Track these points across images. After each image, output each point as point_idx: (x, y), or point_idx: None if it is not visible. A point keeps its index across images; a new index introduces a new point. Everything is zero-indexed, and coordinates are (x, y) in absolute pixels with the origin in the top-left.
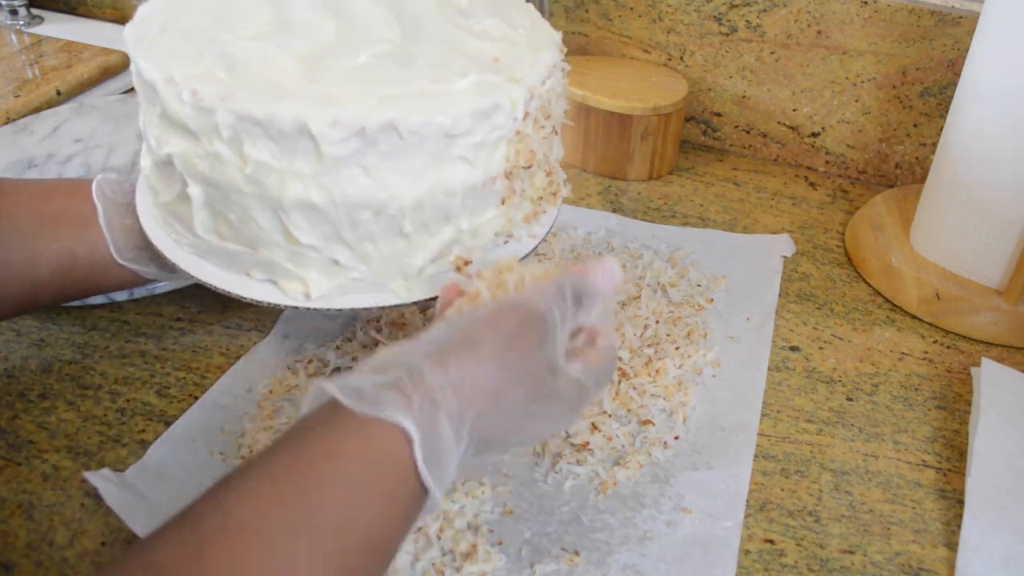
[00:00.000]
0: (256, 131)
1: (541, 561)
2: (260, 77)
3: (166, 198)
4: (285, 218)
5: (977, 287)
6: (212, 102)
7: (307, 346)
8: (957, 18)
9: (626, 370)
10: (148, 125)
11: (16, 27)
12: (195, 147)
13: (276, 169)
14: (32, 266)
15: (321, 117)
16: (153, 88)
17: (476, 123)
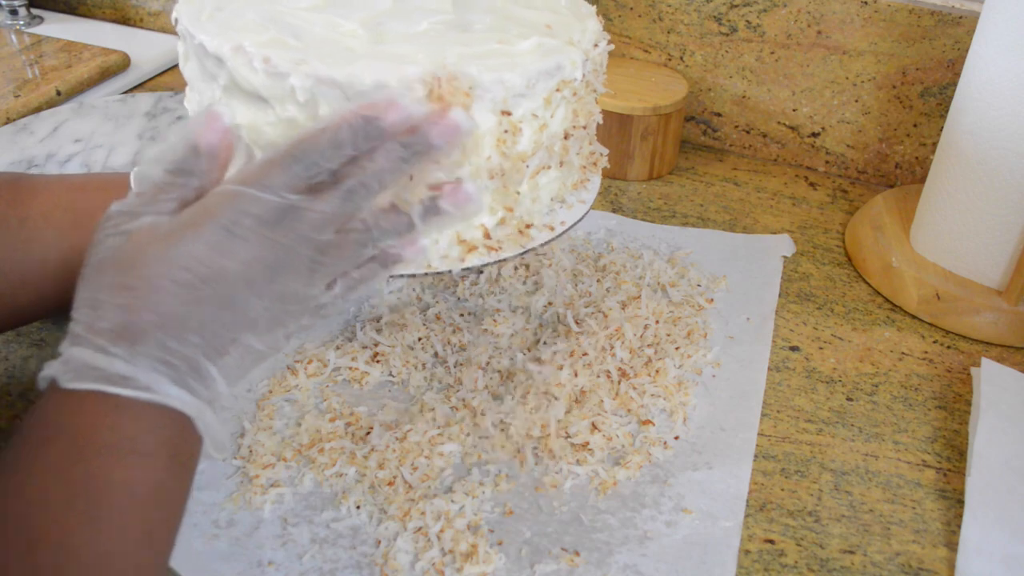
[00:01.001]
0: (333, 93)
1: (541, 561)
2: (328, 43)
3: (230, 171)
4: None
5: (977, 287)
6: (286, 66)
7: (307, 346)
8: (957, 18)
9: (626, 370)
10: (208, 101)
11: (16, 27)
12: (266, 115)
13: None
14: (69, 264)
15: (399, 76)
16: (219, 59)
17: (542, 81)
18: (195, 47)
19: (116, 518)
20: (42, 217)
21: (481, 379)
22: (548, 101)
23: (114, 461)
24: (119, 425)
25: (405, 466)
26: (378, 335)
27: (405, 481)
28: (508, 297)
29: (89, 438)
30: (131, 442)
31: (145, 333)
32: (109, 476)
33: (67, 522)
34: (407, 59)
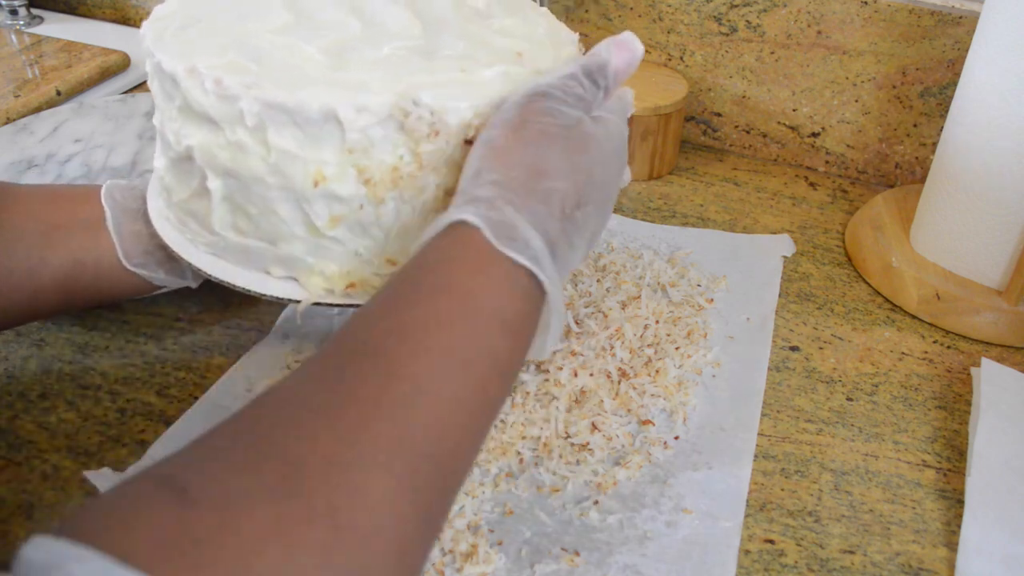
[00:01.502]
0: (281, 118)
1: (541, 561)
2: (285, 67)
3: (182, 195)
4: (308, 209)
5: (977, 287)
6: (237, 90)
7: (307, 346)
8: (957, 18)
9: (626, 370)
10: (167, 122)
11: (16, 27)
12: (216, 137)
13: (300, 158)
14: (37, 275)
15: (348, 103)
16: (174, 80)
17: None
18: (156, 66)
19: (474, 385)
20: (11, 228)
21: None
22: None
23: (501, 333)
24: (520, 304)
25: None
26: None
27: None
28: None
29: (494, 308)
30: (521, 322)
31: (560, 219)
32: (492, 344)
33: (432, 370)
34: (362, 86)
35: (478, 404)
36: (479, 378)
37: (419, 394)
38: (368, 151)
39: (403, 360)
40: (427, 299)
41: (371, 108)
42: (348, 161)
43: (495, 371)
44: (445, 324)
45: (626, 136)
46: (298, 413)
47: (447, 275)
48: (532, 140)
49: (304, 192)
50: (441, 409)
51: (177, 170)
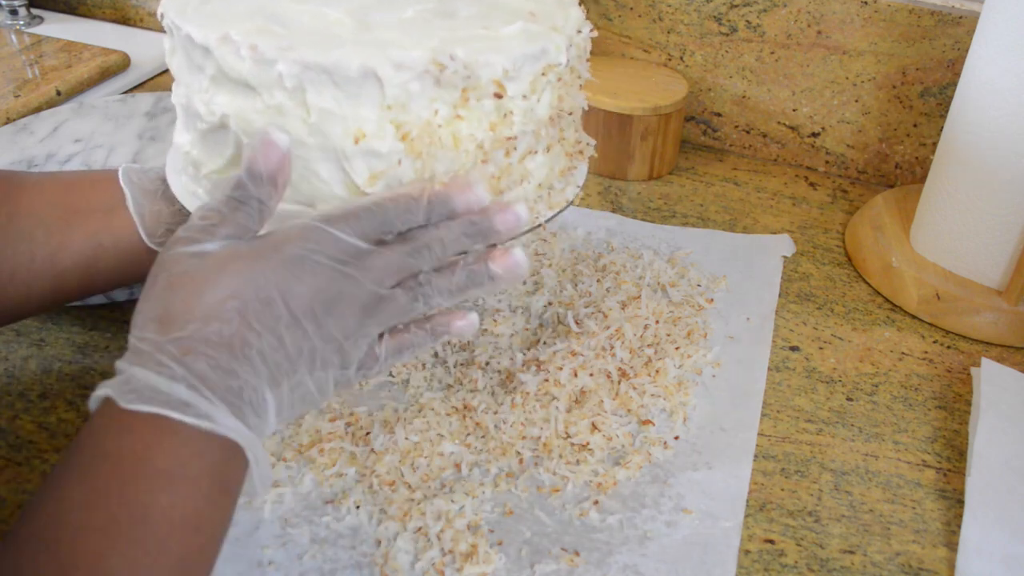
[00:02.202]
0: (320, 79)
1: (541, 561)
2: (315, 31)
3: (215, 166)
4: (348, 167)
5: (977, 287)
6: (273, 53)
7: None
8: (957, 18)
9: (626, 370)
10: (195, 94)
11: (16, 27)
12: (253, 103)
13: (340, 116)
14: (58, 259)
15: (386, 60)
16: (206, 50)
17: (527, 65)
18: (182, 39)
19: (153, 544)
20: (30, 214)
21: (481, 379)
22: (534, 85)
23: (162, 485)
24: (173, 450)
25: (405, 466)
26: None
27: (405, 481)
28: (508, 297)
29: (142, 461)
30: (182, 467)
31: (211, 356)
32: (154, 500)
33: (104, 546)
34: (393, 44)
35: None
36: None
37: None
38: (406, 106)
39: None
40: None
41: (408, 64)
42: (386, 117)
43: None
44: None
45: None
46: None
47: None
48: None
49: (344, 150)
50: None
51: (208, 141)
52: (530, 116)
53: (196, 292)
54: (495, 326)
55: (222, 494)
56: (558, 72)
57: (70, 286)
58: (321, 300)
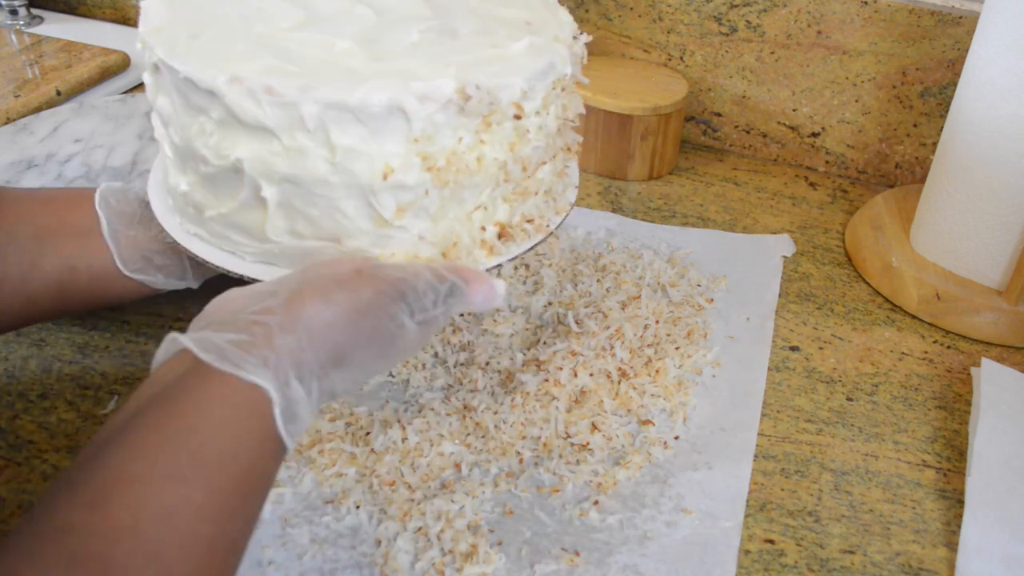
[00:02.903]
0: (344, 117)
1: (541, 561)
2: (327, 64)
3: (223, 209)
4: (375, 201)
5: (977, 287)
6: (293, 95)
7: None
8: (957, 18)
9: (626, 370)
10: (196, 137)
11: (16, 27)
12: (271, 145)
13: (366, 153)
14: (30, 281)
15: (411, 93)
16: (211, 93)
17: (539, 81)
18: (179, 82)
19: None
20: (4, 234)
21: (481, 379)
22: (545, 100)
23: (217, 434)
24: (232, 405)
25: (405, 466)
26: None
27: (405, 481)
28: (508, 297)
29: (201, 409)
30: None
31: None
32: (212, 445)
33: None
34: (412, 75)
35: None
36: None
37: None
38: (432, 138)
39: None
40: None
41: (433, 96)
42: (413, 151)
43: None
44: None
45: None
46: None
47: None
48: (362, 331)
49: (372, 186)
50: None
51: (215, 184)
52: (543, 130)
53: (374, 355)
54: (495, 326)
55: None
56: (563, 83)
57: (43, 308)
58: (376, 357)
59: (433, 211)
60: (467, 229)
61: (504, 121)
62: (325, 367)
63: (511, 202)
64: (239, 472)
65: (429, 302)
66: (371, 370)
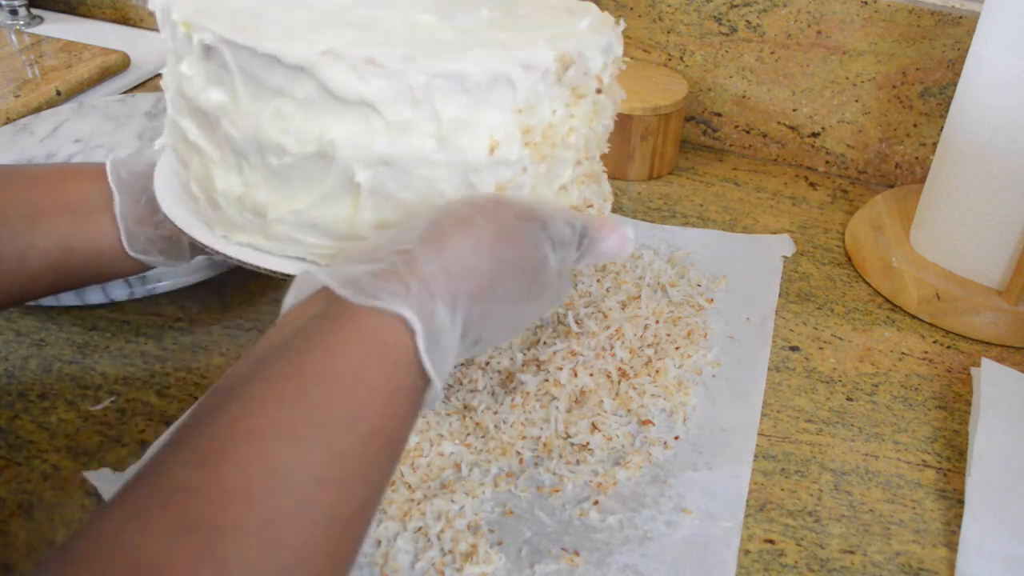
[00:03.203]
0: (451, 87)
1: (541, 561)
2: (415, 37)
3: (299, 206)
4: (476, 179)
5: (977, 287)
6: (397, 64)
7: None
8: (957, 18)
9: (626, 370)
10: (270, 123)
11: (16, 27)
12: (370, 123)
13: (471, 124)
14: (25, 261)
15: (514, 61)
16: (299, 70)
17: (606, 57)
18: (252, 62)
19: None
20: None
21: (481, 379)
22: (612, 77)
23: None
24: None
25: (405, 466)
26: None
27: (405, 481)
28: None
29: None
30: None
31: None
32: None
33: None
34: (506, 45)
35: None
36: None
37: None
38: (534, 109)
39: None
40: (328, 392)
41: (535, 64)
42: (515, 122)
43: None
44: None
45: (562, 302)
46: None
47: (360, 375)
48: (506, 258)
49: (476, 163)
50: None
51: (288, 178)
52: (610, 108)
53: (522, 289)
54: None
55: (412, 418)
56: (619, 63)
57: (38, 287)
58: (521, 292)
59: (528, 190)
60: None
61: (588, 94)
62: (471, 296)
63: (580, 185)
64: (366, 434)
65: (567, 237)
66: (516, 310)
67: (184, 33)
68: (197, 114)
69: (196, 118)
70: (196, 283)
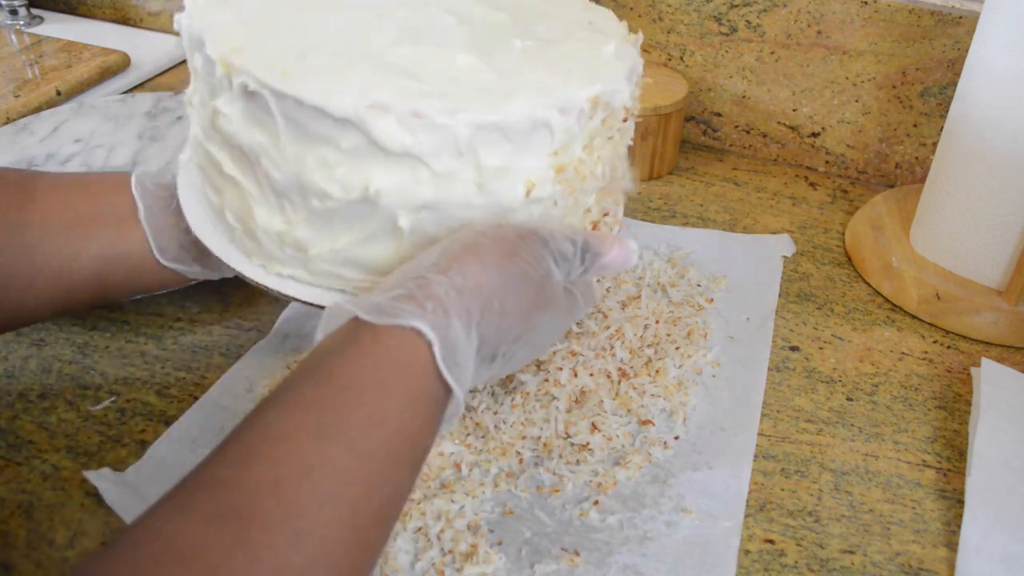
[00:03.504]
0: (493, 137)
1: (541, 561)
2: (456, 82)
3: (339, 245)
4: (511, 216)
5: (977, 287)
6: (442, 118)
7: (307, 346)
8: (957, 18)
9: (626, 370)
10: (314, 170)
11: (16, 27)
12: (416, 172)
13: (511, 170)
14: (68, 271)
15: (552, 106)
16: (346, 122)
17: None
18: (296, 110)
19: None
20: (43, 221)
21: None
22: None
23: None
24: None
25: None
26: None
27: None
28: None
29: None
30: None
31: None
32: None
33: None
34: (544, 87)
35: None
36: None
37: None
38: (568, 148)
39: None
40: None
41: (571, 107)
42: (550, 164)
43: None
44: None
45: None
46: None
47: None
48: (511, 272)
49: (512, 204)
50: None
51: (330, 220)
52: (630, 131)
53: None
54: None
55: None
56: (640, 83)
57: (82, 296)
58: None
59: (556, 222)
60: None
61: (615, 123)
62: (483, 309)
63: (600, 200)
64: (387, 436)
65: (569, 252)
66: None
67: (223, 73)
68: (234, 149)
69: (232, 152)
70: (196, 283)
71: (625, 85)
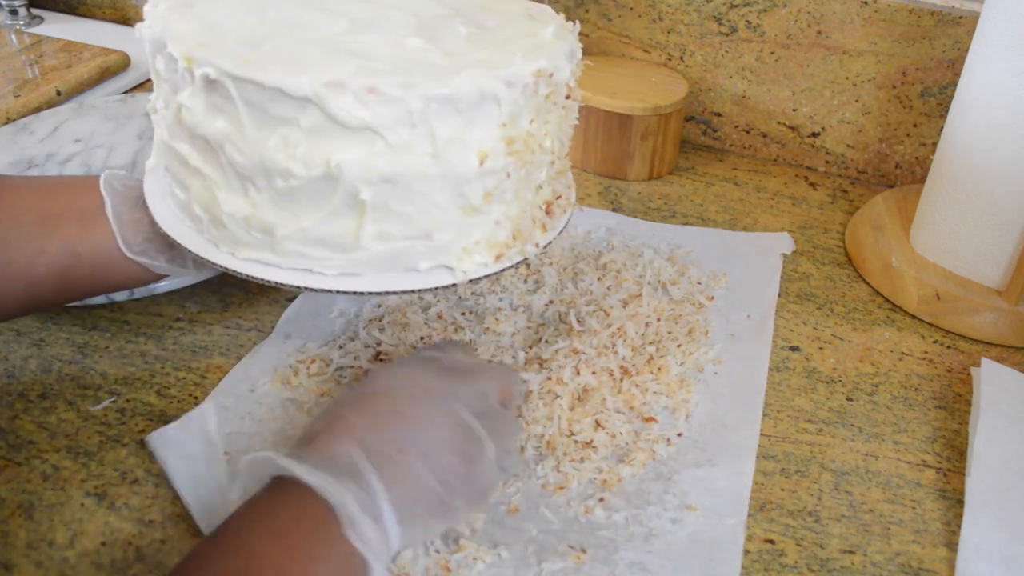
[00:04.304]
0: (444, 109)
1: (548, 559)
2: (410, 62)
3: (305, 223)
4: (468, 190)
5: (977, 287)
6: (396, 92)
7: (309, 346)
8: (957, 18)
9: (628, 368)
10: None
11: (16, 27)
12: (372, 146)
13: (462, 141)
14: (33, 266)
15: (499, 80)
16: (304, 101)
17: (571, 63)
18: (256, 94)
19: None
20: (9, 219)
21: None
22: (575, 80)
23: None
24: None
25: None
26: (380, 334)
27: None
28: (509, 296)
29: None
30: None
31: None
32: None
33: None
34: (489, 64)
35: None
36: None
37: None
38: (516, 121)
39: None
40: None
41: (516, 81)
42: (500, 135)
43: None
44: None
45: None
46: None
47: (292, 550)
48: (447, 478)
49: (467, 174)
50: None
51: (295, 199)
52: (574, 110)
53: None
54: (497, 325)
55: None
56: (581, 65)
57: (45, 293)
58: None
59: (510, 195)
60: (531, 210)
61: (558, 100)
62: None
63: (552, 181)
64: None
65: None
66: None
67: (185, 67)
68: (198, 140)
69: (196, 144)
70: (196, 283)
71: (566, 64)
